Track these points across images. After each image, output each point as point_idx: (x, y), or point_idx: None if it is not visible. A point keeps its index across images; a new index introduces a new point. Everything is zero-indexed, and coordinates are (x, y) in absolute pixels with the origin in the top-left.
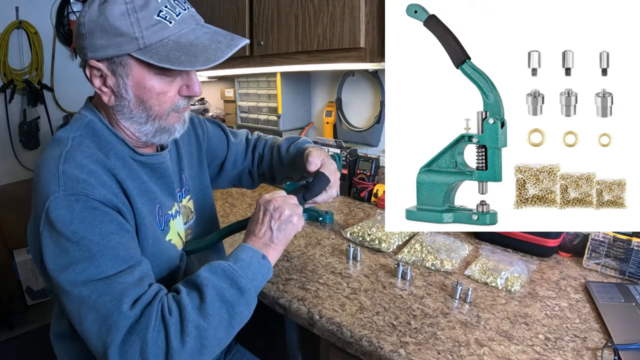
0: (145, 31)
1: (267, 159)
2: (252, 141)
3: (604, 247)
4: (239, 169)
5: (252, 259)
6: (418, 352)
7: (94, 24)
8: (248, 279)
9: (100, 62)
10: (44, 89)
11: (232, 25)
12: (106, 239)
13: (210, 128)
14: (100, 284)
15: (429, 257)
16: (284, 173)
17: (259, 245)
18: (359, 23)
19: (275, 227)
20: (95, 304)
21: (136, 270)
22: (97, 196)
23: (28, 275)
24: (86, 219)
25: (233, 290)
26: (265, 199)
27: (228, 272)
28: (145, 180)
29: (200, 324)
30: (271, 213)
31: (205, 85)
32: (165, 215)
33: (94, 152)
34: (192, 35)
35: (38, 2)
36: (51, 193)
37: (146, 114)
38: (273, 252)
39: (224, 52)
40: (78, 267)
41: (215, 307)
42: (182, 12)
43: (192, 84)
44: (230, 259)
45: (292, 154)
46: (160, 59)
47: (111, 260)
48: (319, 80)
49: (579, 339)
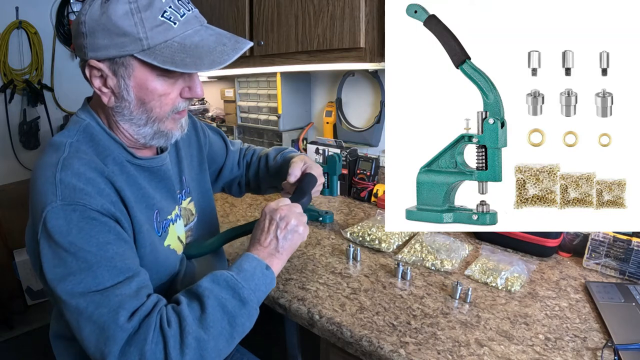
0: (149, 32)
1: (254, 167)
2: (242, 150)
3: (604, 247)
4: (234, 176)
5: (256, 270)
6: (418, 352)
7: (96, 23)
8: (250, 290)
9: (101, 62)
10: (44, 89)
11: (232, 25)
12: (103, 250)
13: (211, 134)
14: (97, 296)
15: (429, 257)
16: (269, 182)
17: (263, 254)
18: (359, 23)
19: (281, 237)
20: (92, 316)
21: (134, 282)
22: (95, 206)
23: (28, 275)
24: (83, 229)
25: (235, 302)
26: (271, 207)
27: (231, 283)
28: (143, 186)
29: (200, 336)
30: (277, 222)
31: (205, 85)
32: (163, 220)
33: (92, 159)
34: (196, 37)
35: (38, 2)
36: (48, 202)
37: (146, 115)
38: (277, 262)
39: (230, 55)
40: (76, 278)
41: (216, 319)
42: (187, 13)
43: (194, 86)
44: (233, 268)
45: (279, 162)
46: (165, 60)
47: (108, 271)
48: (319, 80)
49: (579, 339)
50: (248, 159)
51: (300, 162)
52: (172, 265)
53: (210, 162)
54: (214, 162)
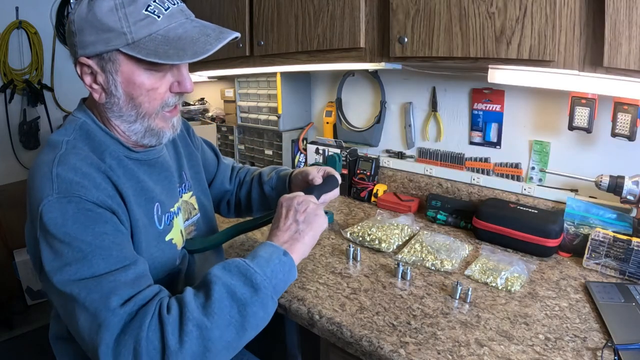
0: (133, 26)
1: (247, 186)
2: (236, 168)
3: (604, 247)
4: (224, 191)
5: (272, 256)
6: (418, 352)
7: (83, 21)
8: (265, 276)
9: (90, 59)
10: (44, 89)
11: (232, 25)
12: (99, 239)
13: (204, 145)
14: (90, 282)
15: (429, 257)
16: (261, 201)
17: (283, 239)
18: (359, 23)
19: (301, 220)
20: (85, 302)
21: (130, 270)
22: (91, 198)
23: (28, 275)
24: (79, 220)
25: (246, 288)
26: (286, 197)
27: (242, 269)
28: (142, 179)
29: (202, 323)
30: (295, 207)
31: (205, 85)
32: (166, 213)
33: (88, 155)
34: (180, 29)
35: (38, 2)
36: (45, 197)
37: (136, 111)
38: (299, 247)
39: (213, 45)
40: (72, 269)
41: (223, 306)
42: (171, 7)
43: (183, 80)
44: (248, 256)
45: (274, 178)
46: (148, 53)
47: (104, 259)
48: (319, 80)
49: (579, 339)
50: (241, 176)
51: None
52: (171, 261)
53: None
54: (205, 172)
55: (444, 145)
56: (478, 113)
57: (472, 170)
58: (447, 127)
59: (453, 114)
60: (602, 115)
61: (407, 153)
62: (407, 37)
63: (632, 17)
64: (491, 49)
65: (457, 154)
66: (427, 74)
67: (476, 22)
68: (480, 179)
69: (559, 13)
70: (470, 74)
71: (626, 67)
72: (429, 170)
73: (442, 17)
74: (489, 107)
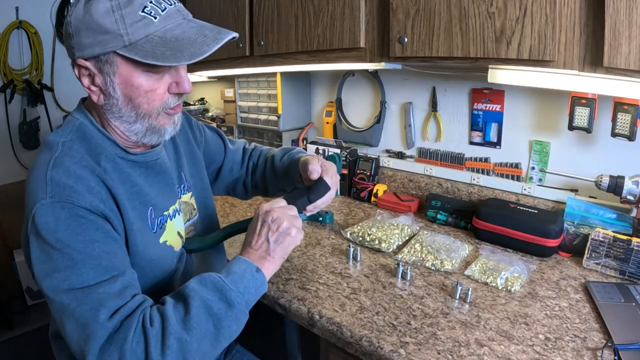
0: (129, 28)
1: (261, 169)
2: (248, 151)
3: (604, 247)
4: (235, 177)
5: (245, 272)
6: (418, 352)
7: (80, 23)
8: (238, 293)
9: (87, 61)
10: (44, 89)
11: (232, 25)
12: (90, 247)
13: (208, 133)
14: (80, 293)
15: (429, 257)
16: (276, 184)
17: (254, 257)
18: (359, 23)
19: (272, 240)
20: (75, 313)
21: (119, 281)
22: (84, 203)
23: (28, 276)
24: (70, 227)
25: (221, 304)
26: (263, 209)
27: (218, 285)
28: (137, 183)
29: (182, 337)
30: (269, 225)
31: (205, 85)
32: (159, 217)
33: (83, 157)
34: (177, 30)
35: (38, 2)
36: (38, 200)
37: (135, 112)
38: (269, 265)
39: (210, 46)
40: (61, 275)
41: (200, 320)
42: (168, 7)
43: (182, 81)
44: (223, 270)
45: (286, 163)
46: (145, 55)
47: (93, 269)
48: (319, 80)
49: (579, 339)
50: (255, 160)
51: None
52: (168, 263)
53: (209, 161)
54: (212, 162)
55: (444, 145)
56: (478, 113)
57: (472, 170)
58: (447, 127)
59: (453, 114)
60: (602, 115)
61: (407, 153)
62: (407, 37)
63: (632, 17)
64: (491, 49)
65: (457, 154)
66: (427, 74)
67: (476, 22)
68: (480, 179)
69: (559, 13)
70: (470, 74)
71: (626, 67)
72: (429, 170)
73: (442, 17)
74: (489, 107)
